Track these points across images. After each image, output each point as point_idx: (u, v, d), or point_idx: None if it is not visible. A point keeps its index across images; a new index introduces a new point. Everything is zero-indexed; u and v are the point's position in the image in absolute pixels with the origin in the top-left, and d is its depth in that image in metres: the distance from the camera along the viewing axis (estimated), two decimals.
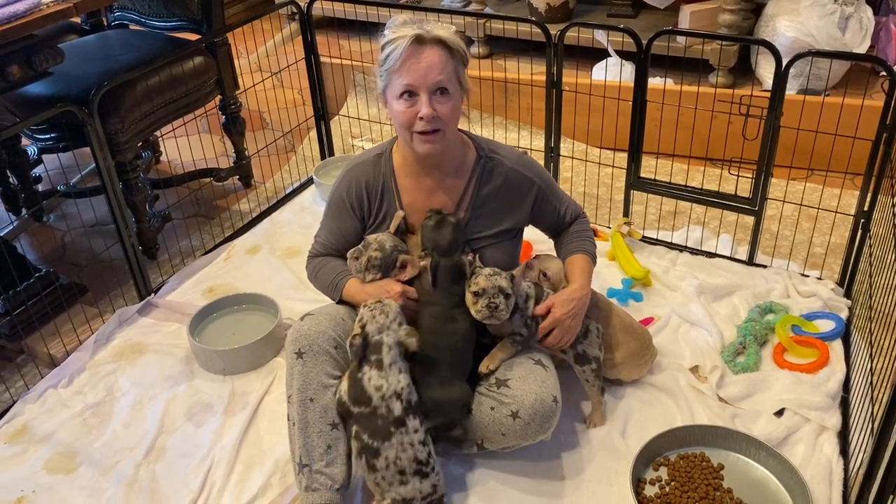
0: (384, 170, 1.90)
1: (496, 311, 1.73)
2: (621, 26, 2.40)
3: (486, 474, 1.87)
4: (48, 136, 2.65)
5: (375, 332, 1.69)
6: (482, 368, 1.79)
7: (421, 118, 1.71)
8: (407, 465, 1.66)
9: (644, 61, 2.38)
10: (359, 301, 1.85)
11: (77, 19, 3.11)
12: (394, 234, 1.87)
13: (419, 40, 1.69)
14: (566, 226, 2.02)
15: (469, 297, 1.76)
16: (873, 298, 1.97)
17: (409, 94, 1.71)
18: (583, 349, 1.93)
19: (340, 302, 1.92)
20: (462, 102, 1.80)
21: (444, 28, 1.74)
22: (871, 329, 1.94)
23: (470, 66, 1.81)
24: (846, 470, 1.81)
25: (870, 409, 1.69)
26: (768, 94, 2.26)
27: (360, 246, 1.86)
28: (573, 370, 1.98)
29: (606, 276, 2.50)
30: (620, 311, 2.10)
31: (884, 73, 2.10)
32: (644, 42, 2.35)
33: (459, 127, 1.87)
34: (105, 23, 3.14)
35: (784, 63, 2.18)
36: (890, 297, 1.70)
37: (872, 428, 1.58)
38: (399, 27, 1.73)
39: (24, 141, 2.99)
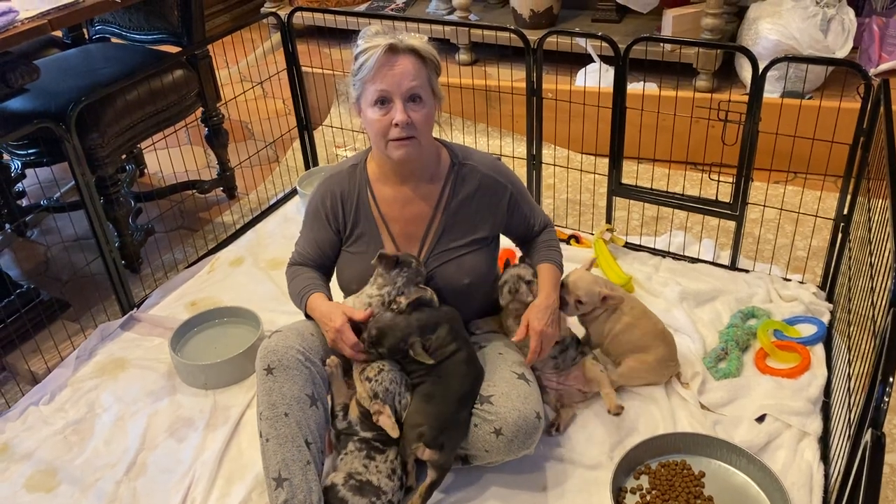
0: (359, 180, 1.90)
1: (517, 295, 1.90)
2: (599, 34, 2.40)
3: (468, 486, 1.87)
4: (28, 151, 2.64)
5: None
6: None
7: (396, 125, 1.71)
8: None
9: (622, 68, 2.38)
10: (314, 318, 1.86)
11: (58, 33, 3.10)
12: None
13: (392, 49, 1.70)
14: (535, 235, 2.03)
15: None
16: (853, 302, 1.97)
17: (383, 101, 1.72)
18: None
19: (308, 316, 1.92)
20: (435, 110, 1.80)
21: (416, 38, 1.75)
22: (850, 333, 1.94)
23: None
24: (826, 476, 1.80)
25: (848, 415, 1.69)
26: (747, 98, 2.26)
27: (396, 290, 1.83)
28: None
29: None
30: (653, 315, 2.11)
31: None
32: (622, 49, 2.35)
33: (434, 135, 1.88)
34: (86, 36, 3.13)
35: (761, 69, 2.19)
36: (867, 301, 1.70)
37: (850, 434, 1.57)
38: (372, 37, 1.74)
39: (6, 156, 2.97)
